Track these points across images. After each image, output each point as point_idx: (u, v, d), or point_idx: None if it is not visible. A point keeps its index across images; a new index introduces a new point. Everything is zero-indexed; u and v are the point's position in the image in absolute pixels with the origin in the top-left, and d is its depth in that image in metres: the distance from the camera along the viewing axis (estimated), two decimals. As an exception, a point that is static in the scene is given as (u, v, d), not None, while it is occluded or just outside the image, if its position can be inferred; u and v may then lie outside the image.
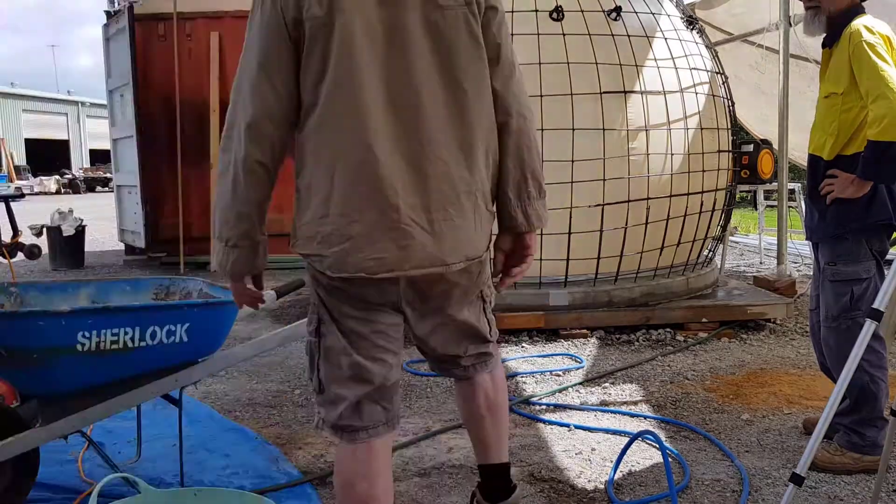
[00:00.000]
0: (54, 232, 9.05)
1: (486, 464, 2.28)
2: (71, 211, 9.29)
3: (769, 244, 8.50)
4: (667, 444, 3.16)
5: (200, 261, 8.89)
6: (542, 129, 4.92)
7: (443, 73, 1.84)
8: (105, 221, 14.99)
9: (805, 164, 9.05)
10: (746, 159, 7.01)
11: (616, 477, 2.85)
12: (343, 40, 1.77)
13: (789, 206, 6.73)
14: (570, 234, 5.00)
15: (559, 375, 4.23)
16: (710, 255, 6.06)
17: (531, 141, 2.01)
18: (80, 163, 45.14)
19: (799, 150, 8.42)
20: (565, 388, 3.97)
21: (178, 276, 3.75)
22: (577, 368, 4.34)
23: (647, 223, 5.13)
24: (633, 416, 3.56)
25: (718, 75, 5.86)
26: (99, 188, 35.89)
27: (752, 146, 7.13)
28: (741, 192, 8.04)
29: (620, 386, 4.04)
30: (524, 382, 4.11)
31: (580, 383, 4.07)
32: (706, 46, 5.92)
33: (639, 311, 5.14)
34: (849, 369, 2.15)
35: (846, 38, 2.81)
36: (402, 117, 1.81)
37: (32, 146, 43.09)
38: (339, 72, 1.79)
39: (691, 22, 5.81)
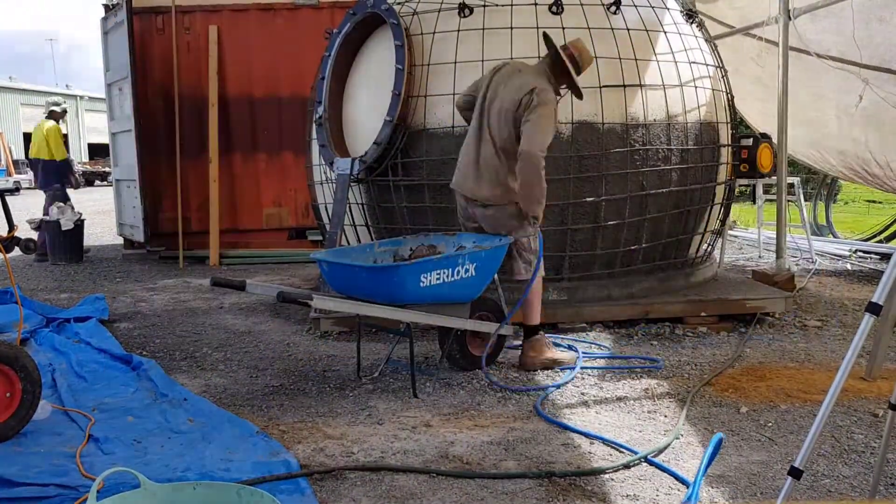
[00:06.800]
0: (53, 226, 9.04)
1: None
2: (70, 205, 9.28)
3: (768, 238, 8.50)
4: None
5: (199, 255, 8.89)
6: (542, 123, 4.92)
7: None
8: (104, 215, 14.99)
9: (802, 158, 9.00)
10: (746, 153, 7.01)
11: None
12: None
13: (788, 201, 6.73)
14: (569, 228, 5.00)
15: (558, 369, 4.23)
16: (709, 249, 6.06)
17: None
18: (78, 157, 45.06)
19: (797, 144, 8.44)
20: (564, 383, 3.98)
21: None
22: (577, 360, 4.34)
23: (645, 217, 5.13)
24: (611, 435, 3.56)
25: (718, 69, 5.85)
26: (98, 182, 35.83)
27: (751, 140, 7.12)
28: (740, 186, 8.04)
29: (619, 380, 4.05)
30: (524, 376, 4.11)
31: (580, 377, 4.08)
32: (706, 40, 5.91)
33: (638, 304, 5.14)
34: (848, 360, 2.15)
35: None
36: None
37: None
38: None
39: (691, 15, 5.80)
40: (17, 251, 3.70)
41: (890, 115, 6.87)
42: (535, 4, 5.09)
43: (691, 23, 5.75)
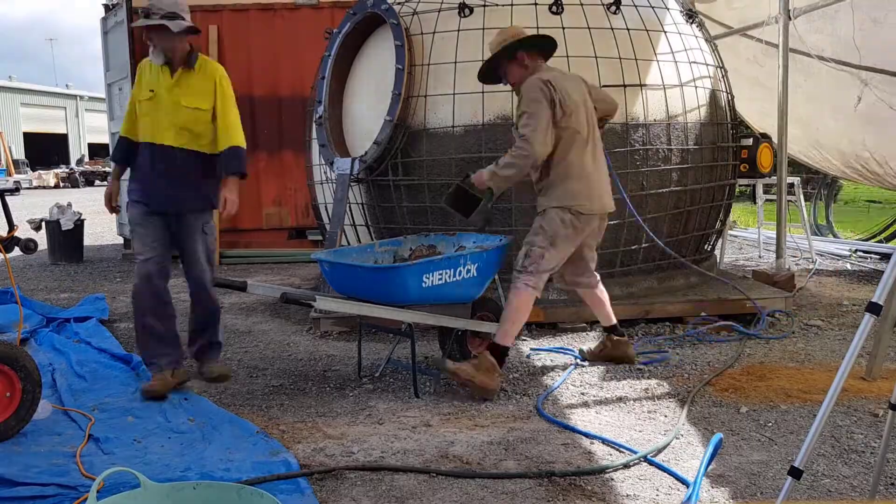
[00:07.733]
0: (53, 226, 9.04)
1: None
2: (70, 205, 9.28)
3: (768, 238, 8.50)
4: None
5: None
6: (542, 123, 4.92)
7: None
8: (104, 215, 14.97)
9: (804, 158, 8.97)
10: (746, 153, 7.01)
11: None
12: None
13: (788, 201, 6.73)
14: (569, 228, 4.99)
15: (558, 369, 4.23)
16: (709, 249, 6.06)
17: None
18: (78, 156, 45.08)
19: (797, 144, 8.44)
20: (563, 383, 3.98)
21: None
22: (576, 359, 4.34)
23: (645, 217, 5.13)
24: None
25: (718, 69, 5.85)
26: (98, 182, 35.84)
27: (751, 140, 7.12)
28: (740, 186, 8.04)
29: (619, 380, 4.05)
30: (524, 376, 4.11)
31: (580, 377, 4.08)
32: (706, 40, 5.91)
33: (638, 304, 5.14)
34: (848, 360, 2.16)
35: None
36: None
37: (31, 140, 43.01)
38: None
39: (691, 15, 5.80)
40: (17, 251, 3.69)
41: (886, 115, 6.90)
42: (535, 4, 5.09)
43: (691, 23, 5.75)
